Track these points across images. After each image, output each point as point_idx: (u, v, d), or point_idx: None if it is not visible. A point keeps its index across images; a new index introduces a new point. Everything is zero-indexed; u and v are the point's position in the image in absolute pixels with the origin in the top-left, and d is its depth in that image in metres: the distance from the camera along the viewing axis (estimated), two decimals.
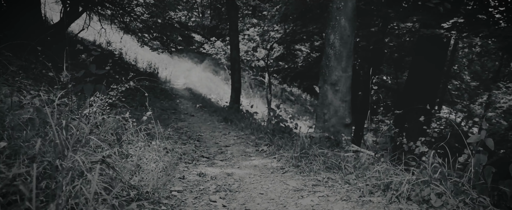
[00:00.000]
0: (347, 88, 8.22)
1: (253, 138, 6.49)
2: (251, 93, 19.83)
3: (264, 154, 5.20)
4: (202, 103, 12.87)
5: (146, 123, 4.49)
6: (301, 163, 4.11)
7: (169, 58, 21.80)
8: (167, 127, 6.36)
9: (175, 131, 7.31)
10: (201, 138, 6.70)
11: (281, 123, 6.40)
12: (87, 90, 4.19)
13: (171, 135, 5.64)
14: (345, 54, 8.14)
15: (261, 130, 6.61)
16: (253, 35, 16.38)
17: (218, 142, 6.37)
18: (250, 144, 6.00)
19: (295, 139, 5.67)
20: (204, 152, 5.30)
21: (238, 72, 13.01)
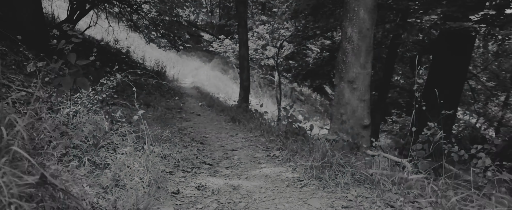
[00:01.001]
0: (366, 86, 7.37)
1: (263, 140, 5.68)
2: (260, 92, 19.01)
3: (277, 160, 4.38)
4: (210, 102, 12.10)
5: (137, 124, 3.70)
6: (323, 175, 3.28)
7: (177, 56, 21.10)
8: (168, 127, 5.58)
9: (178, 132, 6.54)
10: (206, 140, 5.91)
11: (295, 124, 5.57)
12: (66, 84, 3.41)
13: (169, 137, 4.84)
14: (364, 49, 7.29)
15: (272, 131, 5.79)
16: (262, 32, 15.55)
17: (224, 145, 5.56)
18: (260, 147, 5.19)
19: (312, 142, 4.84)
20: (207, 157, 4.50)
21: (247, 70, 12.21)
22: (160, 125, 5.75)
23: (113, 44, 17.96)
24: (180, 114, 9.94)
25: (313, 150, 4.02)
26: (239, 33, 12.39)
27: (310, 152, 4.07)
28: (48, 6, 16.62)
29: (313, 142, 4.59)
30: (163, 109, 9.84)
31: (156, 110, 9.39)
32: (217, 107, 10.88)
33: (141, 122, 3.55)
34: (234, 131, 6.94)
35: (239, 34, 12.30)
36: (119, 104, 8.62)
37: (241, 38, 12.18)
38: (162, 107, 10.06)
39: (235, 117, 8.44)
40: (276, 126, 7.00)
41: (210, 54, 22.92)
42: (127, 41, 19.01)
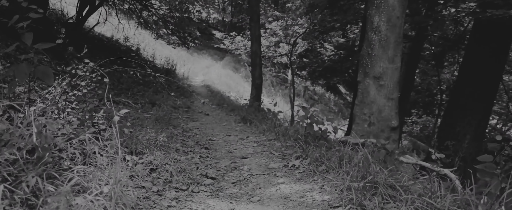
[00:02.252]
0: (394, 83, 6.33)
1: (278, 145, 4.71)
2: (272, 91, 18.03)
3: (297, 173, 3.42)
4: (220, 101, 11.18)
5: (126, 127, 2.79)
6: (368, 202, 2.30)
7: (188, 55, 20.26)
8: (165, 129, 4.66)
9: (182, 134, 5.62)
10: (212, 144, 4.97)
11: (315, 126, 4.59)
12: (19, 74, 2.49)
13: (166, 142, 3.91)
14: (392, 40, 6.27)
15: (288, 135, 4.82)
16: (275, 29, 14.56)
17: (232, 150, 4.62)
18: (274, 154, 4.23)
19: (338, 150, 3.87)
20: (211, 168, 3.56)
21: (259, 67, 11.24)
22: (159, 127, 4.83)
23: (123, 42, 17.21)
24: (187, 113, 9.05)
25: (344, 161, 3.03)
26: (251, 28, 11.43)
27: (340, 163, 3.09)
28: (57, 3, 15.92)
29: (340, 149, 3.62)
30: (169, 108, 8.96)
31: (162, 109, 8.51)
32: (227, 106, 9.96)
33: (124, 126, 2.62)
34: (245, 133, 5.99)
35: (251, 29, 11.34)
36: (121, 102, 7.77)
37: (253, 33, 11.22)
38: (168, 106, 9.18)
39: (246, 117, 7.49)
40: (291, 127, 6.03)
41: (222, 52, 22.03)
42: (137, 39, 18.25)
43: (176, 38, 15.58)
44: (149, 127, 4.51)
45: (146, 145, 3.46)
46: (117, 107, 6.93)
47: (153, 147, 3.54)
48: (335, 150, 3.85)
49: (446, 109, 8.85)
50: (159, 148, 3.61)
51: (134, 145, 3.30)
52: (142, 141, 3.42)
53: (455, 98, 8.77)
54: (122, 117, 3.06)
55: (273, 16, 15.01)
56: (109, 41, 16.80)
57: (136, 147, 3.31)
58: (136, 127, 4.26)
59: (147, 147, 3.44)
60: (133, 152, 3.25)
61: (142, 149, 3.36)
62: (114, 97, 8.05)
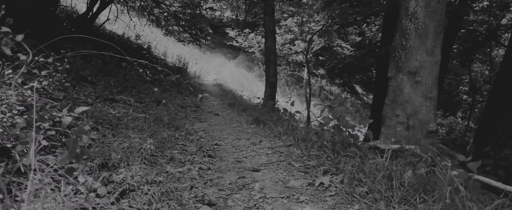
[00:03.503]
0: (433, 79, 5.28)
1: (298, 153, 3.75)
2: (287, 90, 17.04)
3: (328, 195, 2.46)
4: (232, 100, 10.27)
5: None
6: None
7: (200, 53, 19.43)
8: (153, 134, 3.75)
9: (185, 137, 4.72)
10: (217, 151, 4.05)
11: (345, 130, 3.61)
12: None
13: (153, 151, 2.99)
14: (432, 29, 5.23)
15: (311, 140, 3.84)
16: (291, 25, 13.56)
17: (241, 158, 3.68)
18: (294, 166, 3.27)
19: (373, 160, 2.89)
20: (211, 186, 2.63)
21: (274, 64, 10.29)
22: (154, 129, 3.92)
23: (135, 40, 16.51)
24: (195, 113, 8.16)
25: (394, 180, 2.06)
26: (265, 22, 10.48)
27: (390, 183, 2.11)
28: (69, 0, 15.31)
29: (377, 161, 2.64)
30: (176, 108, 8.10)
31: (167, 108, 7.65)
32: (238, 105, 9.03)
33: (81, 131, 1.71)
34: (257, 137, 5.05)
35: (265, 24, 10.39)
36: (123, 100, 6.92)
37: (268, 28, 10.27)
38: (175, 105, 8.31)
39: (259, 118, 6.55)
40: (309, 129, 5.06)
41: (235, 50, 21.14)
42: (149, 37, 17.53)
43: (187, 35, 14.77)
44: (137, 130, 3.61)
45: (125, 155, 2.56)
46: (114, 106, 6.09)
47: (135, 158, 2.63)
48: (373, 163, 2.86)
49: (484, 110, 7.73)
50: (144, 159, 2.69)
51: (108, 156, 2.39)
52: (117, 151, 2.52)
53: (495, 99, 7.64)
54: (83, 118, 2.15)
55: (288, 12, 14.01)
56: (120, 38, 16.12)
57: (109, 158, 2.40)
58: (118, 130, 3.37)
59: (127, 158, 2.53)
60: (105, 165, 2.35)
61: (119, 161, 2.46)
62: (115, 95, 7.23)
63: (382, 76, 9.92)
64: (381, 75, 9.90)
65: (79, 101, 5.36)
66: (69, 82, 6.37)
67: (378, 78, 9.73)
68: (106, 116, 4.11)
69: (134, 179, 2.20)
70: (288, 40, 14.43)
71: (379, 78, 10.27)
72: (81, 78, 6.95)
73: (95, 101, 5.85)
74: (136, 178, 2.23)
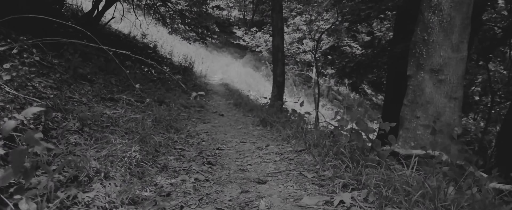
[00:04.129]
0: (459, 78, 4.74)
1: (310, 161, 3.25)
2: (294, 90, 16.50)
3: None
4: (238, 99, 9.79)
5: None
6: None
7: (207, 52, 18.99)
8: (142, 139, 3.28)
9: (184, 140, 4.26)
10: (219, 156, 3.57)
11: (363, 135, 3.11)
12: None
13: (141, 160, 2.51)
14: (458, 22, 4.70)
15: (324, 145, 3.34)
16: (299, 23, 13.03)
17: (245, 166, 3.20)
18: (307, 177, 2.78)
19: (400, 173, 2.39)
20: (207, 204, 2.15)
21: (282, 63, 9.79)
22: (142, 134, 3.44)
23: (141, 39, 16.15)
24: (199, 113, 7.70)
25: (437, 199, 1.55)
26: (272, 19, 9.99)
27: (431, 202, 1.61)
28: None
29: (412, 174, 2.14)
30: (179, 107, 7.65)
31: (170, 108, 7.21)
32: (245, 106, 8.56)
33: (29, 139, 1.23)
34: (264, 140, 4.56)
35: (273, 21, 9.90)
36: (122, 100, 6.48)
37: (275, 26, 9.78)
38: (179, 105, 7.87)
39: (266, 119, 6.07)
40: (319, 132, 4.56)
41: (242, 50, 20.65)
42: (155, 36, 17.15)
43: (193, 34, 14.34)
44: (124, 134, 3.14)
45: (104, 165, 2.09)
46: (111, 106, 5.65)
47: (118, 168, 2.16)
48: (401, 175, 2.35)
49: (508, 112, 7.14)
50: (128, 170, 2.22)
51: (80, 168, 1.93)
52: (91, 160, 2.05)
53: None
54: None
55: (296, 10, 13.49)
56: (126, 37, 15.78)
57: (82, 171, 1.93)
58: (104, 133, 2.91)
59: (106, 170, 2.06)
60: (75, 179, 1.88)
61: (95, 173, 1.99)
62: (116, 94, 6.80)
63: (395, 75, 9.36)
64: (393, 75, 9.35)
65: (72, 100, 4.93)
66: (66, 80, 5.96)
67: (390, 78, 9.16)
68: (96, 117, 3.65)
69: (108, 198, 1.74)
70: (296, 39, 13.90)
71: (392, 78, 9.71)
72: (79, 76, 6.53)
73: (91, 101, 5.42)
74: (112, 196, 1.76)
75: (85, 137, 2.75)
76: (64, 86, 5.46)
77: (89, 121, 3.53)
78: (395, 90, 9.00)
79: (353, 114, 3.06)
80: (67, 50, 6.46)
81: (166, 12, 14.77)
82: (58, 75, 5.95)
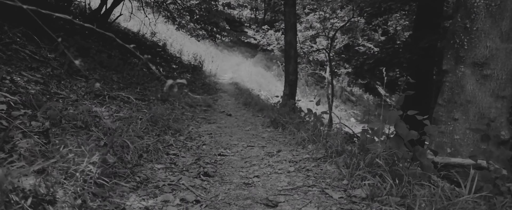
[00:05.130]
0: (508, 73, 3.91)
1: (333, 173, 2.52)
2: (307, 90, 15.71)
3: None
4: (247, 99, 9.08)
5: None
6: None
7: (217, 51, 18.33)
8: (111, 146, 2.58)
9: (182, 144, 3.57)
10: (220, 165, 2.87)
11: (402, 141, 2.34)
12: None
13: (111, 174, 1.81)
14: (510, 7, 3.86)
15: (353, 154, 2.59)
16: (312, 20, 12.26)
17: (251, 179, 2.49)
18: (333, 197, 2.05)
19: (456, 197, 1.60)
20: None
21: (294, 61, 9.05)
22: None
23: (150, 37, 15.61)
24: (205, 113, 7.02)
25: None
26: (285, 14, 9.25)
27: None
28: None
29: None
30: (183, 106, 6.98)
31: (173, 107, 6.55)
32: (254, 105, 7.84)
33: None
34: (275, 145, 3.84)
35: (285, 15, 9.16)
36: (120, 98, 5.84)
37: (288, 21, 9.04)
38: (184, 104, 7.20)
39: (277, 119, 5.34)
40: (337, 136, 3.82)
41: (253, 49, 19.94)
42: (165, 34, 16.59)
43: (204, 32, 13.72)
44: (100, 135, 2.45)
45: (38, 184, 1.39)
46: (105, 104, 5.00)
47: (68, 188, 1.47)
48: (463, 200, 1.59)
49: None
50: (84, 188, 1.53)
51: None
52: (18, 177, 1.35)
53: None
54: None
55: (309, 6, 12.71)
56: (135, 35, 15.25)
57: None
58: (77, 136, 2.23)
59: (48, 191, 1.37)
60: None
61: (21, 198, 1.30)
62: (115, 91, 6.16)
63: (416, 74, 8.54)
64: (414, 73, 8.52)
65: (58, 96, 4.29)
66: (58, 76, 5.34)
67: (412, 76, 8.34)
68: (74, 116, 2.97)
69: None
70: (309, 36, 13.12)
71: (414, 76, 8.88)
72: (75, 71, 5.91)
73: (82, 98, 4.78)
74: None
75: (42, 142, 2.07)
76: (53, 81, 4.83)
77: (63, 121, 2.85)
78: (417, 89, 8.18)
79: (391, 114, 2.31)
80: (61, 43, 5.84)
81: (175, 9, 14.19)
82: (49, 69, 5.34)
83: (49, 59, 5.84)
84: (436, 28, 8.87)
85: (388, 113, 2.32)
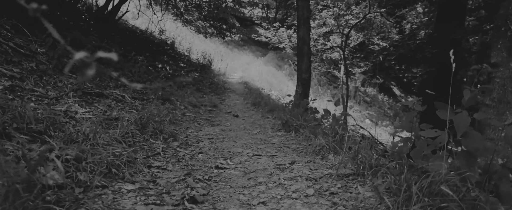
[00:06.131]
0: None
1: (369, 200, 1.73)
2: (319, 90, 14.90)
3: None
4: (257, 98, 8.36)
5: None
6: None
7: (228, 50, 17.65)
8: None
9: (175, 152, 2.88)
10: (215, 183, 2.16)
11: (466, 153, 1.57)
12: None
13: None
14: None
15: (395, 172, 1.83)
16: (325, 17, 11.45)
17: (254, 208, 1.72)
18: None
19: None
20: None
21: (308, 58, 8.29)
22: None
23: (158, 35, 15.04)
24: (210, 113, 6.32)
25: None
26: (297, 8, 8.50)
27: None
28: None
29: None
30: (186, 106, 6.31)
31: (175, 107, 5.89)
32: (264, 106, 7.12)
33: None
34: (287, 153, 3.11)
35: (298, 9, 8.41)
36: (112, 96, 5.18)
37: (301, 15, 8.28)
38: (187, 104, 6.52)
39: (289, 122, 4.60)
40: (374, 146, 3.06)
41: (264, 48, 19.19)
42: (174, 32, 15.99)
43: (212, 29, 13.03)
44: (59, 142, 1.76)
45: None
46: (91, 102, 4.35)
47: None
48: None
49: None
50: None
51: None
52: None
53: None
54: None
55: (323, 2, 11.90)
56: (142, 33, 14.69)
57: None
58: None
59: None
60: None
61: None
62: (110, 89, 5.52)
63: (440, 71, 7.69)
64: (439, 70, 7.67)
65: (33, 94, 3.63)
66: (44, 71, 4.71)
67: (432, 74, 7.48)
68: (37, 119, 2.29)
69: None
70: (322, 34, 12.31)
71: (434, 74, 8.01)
72: (64, 67, 5.28)
73: (64, 96, 4.12)
74: None
75: None
76: (34, 76, 4.20)
77: (15, 124, 2.18)
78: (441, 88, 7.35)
79: (460, 119, 1.55)
80: (49, 36, 5.23)
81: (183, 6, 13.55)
82: (34, 64, 4.72)
83: (37, 53, 5.22)
84: (462, 22, 8.01)
85: (457, 117, 1.56)
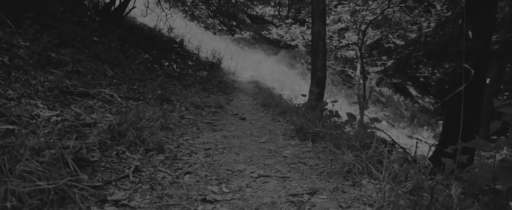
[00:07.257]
0: None
1: None
2: (333, 90, 13.97)
3: None
4: (267, 99, 7.53)
5: None
6: None
7: (238, 48, 16.86)
8: None
9: (151, 171, 2.05)
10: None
11: None
12: None
13: None
14: None
15: None
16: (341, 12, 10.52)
17: None
18: None
19: None
20: None
21: (323, 55, 7.44)
22: None
23: (167, 33, 14.35)
24: (214, 115, 5.52)
25: None
26: (312, 1, 7.62)
27: None
28: None
29: None
30: (187, 107, 5.53)
31: (174, 108, 5.10)
32: (275, 107, 6.29)
33: None
34: (304, 174, 2.29)
35: (313, 2, 7.55)
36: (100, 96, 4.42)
37: (316, 7, 7.42)
38: (189, 104, 5.74)
39: (303, 128, 3.76)
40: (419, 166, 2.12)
41: (276, 47, 18.34)
42: (183, 30, 15.30)
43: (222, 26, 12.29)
44: None
45: None
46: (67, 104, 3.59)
47: None
48: None
49: None
50: None
51: None
52: None
53: None
54: None
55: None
56: (150, 31, 14.02)
57: None
58: None
59: None
60: None
61: None
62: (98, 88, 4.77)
63: (474, 67, 6.69)
64: (472, 66, 6.68)
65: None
66: (20, 67, 3.98)
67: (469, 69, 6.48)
68: None
69: None
70: (337, 30, 11.39)
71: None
72: (47, 62, 4.55)
73: (35, 95, 3.36)
74: None
75: None
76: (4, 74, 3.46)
77: None
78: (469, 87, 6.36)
79: None
80: (30, 26, 4.50)
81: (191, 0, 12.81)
82: (6, 58, 4.00)
83: (19, 47, 4.52)
84: (494, 15, 7.00)
85: None
